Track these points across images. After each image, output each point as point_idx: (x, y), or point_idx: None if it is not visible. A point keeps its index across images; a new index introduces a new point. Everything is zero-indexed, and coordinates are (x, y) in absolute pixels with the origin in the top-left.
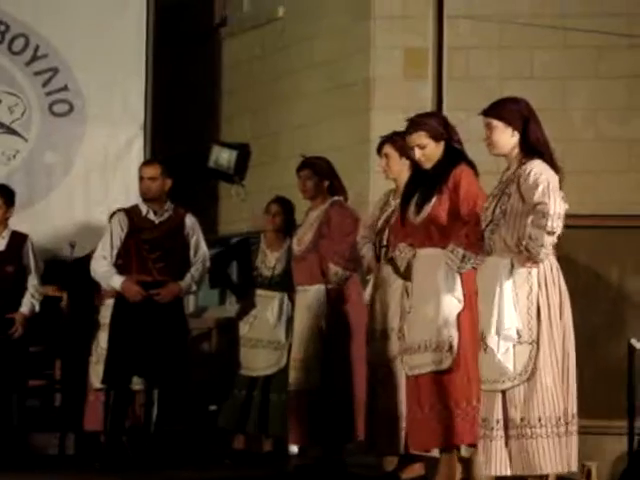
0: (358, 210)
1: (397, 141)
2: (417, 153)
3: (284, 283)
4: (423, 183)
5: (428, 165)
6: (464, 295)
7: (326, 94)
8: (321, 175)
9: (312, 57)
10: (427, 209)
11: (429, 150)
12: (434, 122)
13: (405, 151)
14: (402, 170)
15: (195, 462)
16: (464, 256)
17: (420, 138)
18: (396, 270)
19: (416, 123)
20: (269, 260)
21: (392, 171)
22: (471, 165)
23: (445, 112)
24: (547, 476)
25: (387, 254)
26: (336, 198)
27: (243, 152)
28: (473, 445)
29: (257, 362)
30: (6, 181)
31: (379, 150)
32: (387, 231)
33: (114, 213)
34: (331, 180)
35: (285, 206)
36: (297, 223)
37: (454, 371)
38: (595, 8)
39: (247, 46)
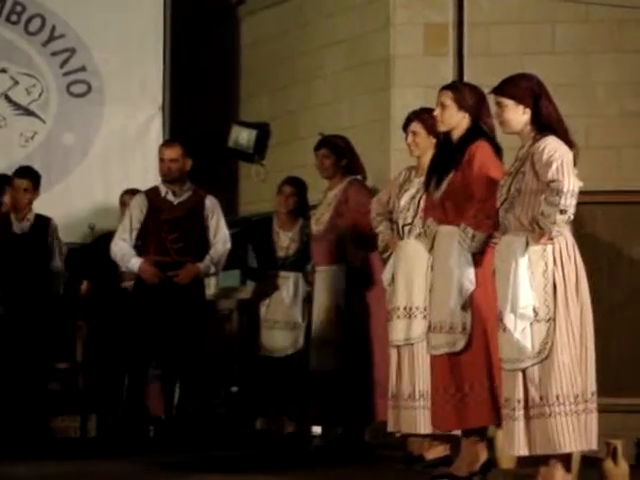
0: (378, 188)
1: (425, 118)
2: (437, 110)
3: (298, 263)
4: (445, 157)
5: (442, 128)
6: (479, 275)
7: (346, 72)
8: (339, 153)
9: (331, 35)
10: (444, 185)
11: (448, 113)
12: (465, 91)
13: (432, 129)
14: (428, 147)
15: (217, 444)
16: (474, 235)
17: (444, 97)
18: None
19: (449, 84)
20: (282, 241)
21: (418, 148)
22: (493, 143)
23: None
24: (570, 455)
25: (411, 231)
26: (354, 177)
27: (262, 131)
28: (498, 425)
29: (275, 343)
30: (24, 162)
31: (406, 126)
32: (413, 209)
33: (124, 193)
34: (349, 159)
35: (298, 186)
36: (313, 203)
37: (468, 352)
38: None
39: (266, 24)
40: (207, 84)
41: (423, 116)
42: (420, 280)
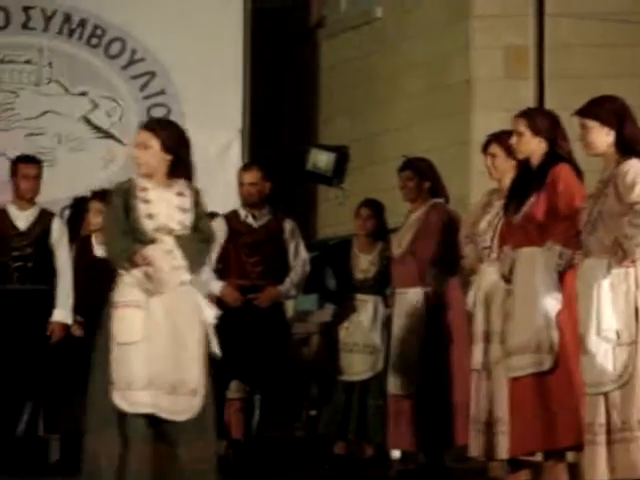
0: (458, 212)
1: (504, 140)
2: (513, 138)
3: (377, 286)
4: (525, 182)
5: (520, 155)
6: (564, 295)
7: (425, 95)
8: (422, 176)
9: (411, 58)
10: (525, 208)
11: (524, 140)
12: (539, 116)
13: (512, 151)
14: (507, 170)
15: (296, 468)
16: (561, 253)
17: (518, 124)
18: (501, 273)
19: (522, 112)
20: (362, 264)
21: (497, 171)
22: (574, 166)
23: None
24: None
25: (489, 255)
26: (437, 200)
27: (341, 155)
28: (579, 449)
29: (354, 367)
30: (105, 186)
31: (485, 149)
32: (491, 232)
33: None
34: (432, 181)
35: (375, 209)
36: (393, 226)
37: (555, 372)
38: None
39: (345, 47)
40: (286, 107)
41: (502, 138)
42: (497, 305)
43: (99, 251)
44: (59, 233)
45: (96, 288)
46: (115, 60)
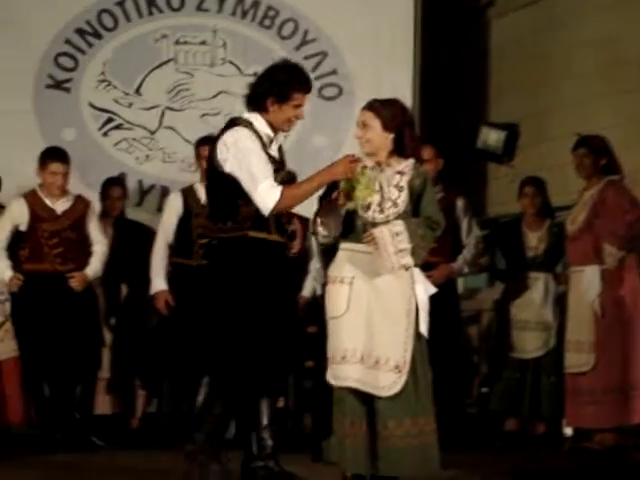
0: (633, 189)
1: None
2: None
3: (547, 264)
4: None
5: None
6: None
7: (597, 72)
8: (598, 153)
9: (582, 35)
10: None
11: None
12: None
13: None
14: None
15: (467, 445)
16: None
17: None
18: None
19: None
20: (531, 241)
21: None
22: None
23: None
24: None
25: None
26: (612, 177)
27: (511, 132)
28: None
29: (526, 344)
30: None
31: None
32: None
33: None
34: (608, 158)
35: (539, 186)
36: (564, 204)
37: None
38: None
39: (515, 25)
40: (457, 85)
41: None
42: None
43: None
44: None
45: None
46: (288, 41)
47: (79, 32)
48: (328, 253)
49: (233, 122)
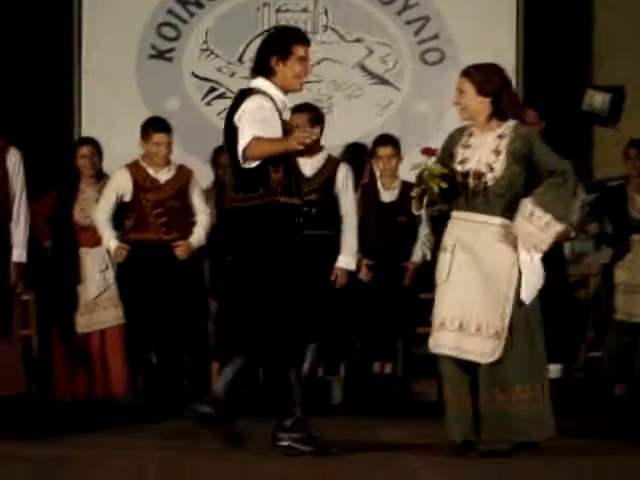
0: None
1: None
2: None
3: None
4: None
5: None
6: None
7: None
8: None
9: None
10: None
11: None
12: None
13: None
14: None
15: (575, 410)
16: None
17: None
18: None
19: None
20: (637, 204)
21: None
22: None
23: None
24: None
25: None
26: None
27: (617, 95)
28: None
29: (634, 308)
30: (380, 131)
31: None
32: None
33: None
34: None
35: None
36: None
37: None
38: None
39: None
40: (561, 46)
41: None
42: None
43: (386, 196)
44: (344, 179)
45: (384, 233)
46: (389, 6)
47: (181, 2)
48: (435, 219)
49: (247, 92)
